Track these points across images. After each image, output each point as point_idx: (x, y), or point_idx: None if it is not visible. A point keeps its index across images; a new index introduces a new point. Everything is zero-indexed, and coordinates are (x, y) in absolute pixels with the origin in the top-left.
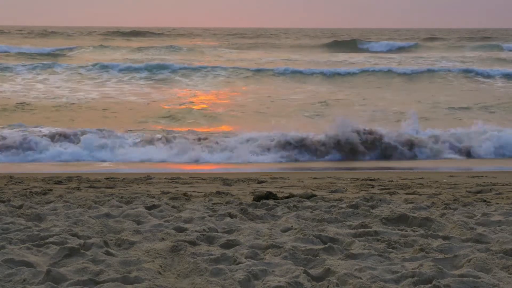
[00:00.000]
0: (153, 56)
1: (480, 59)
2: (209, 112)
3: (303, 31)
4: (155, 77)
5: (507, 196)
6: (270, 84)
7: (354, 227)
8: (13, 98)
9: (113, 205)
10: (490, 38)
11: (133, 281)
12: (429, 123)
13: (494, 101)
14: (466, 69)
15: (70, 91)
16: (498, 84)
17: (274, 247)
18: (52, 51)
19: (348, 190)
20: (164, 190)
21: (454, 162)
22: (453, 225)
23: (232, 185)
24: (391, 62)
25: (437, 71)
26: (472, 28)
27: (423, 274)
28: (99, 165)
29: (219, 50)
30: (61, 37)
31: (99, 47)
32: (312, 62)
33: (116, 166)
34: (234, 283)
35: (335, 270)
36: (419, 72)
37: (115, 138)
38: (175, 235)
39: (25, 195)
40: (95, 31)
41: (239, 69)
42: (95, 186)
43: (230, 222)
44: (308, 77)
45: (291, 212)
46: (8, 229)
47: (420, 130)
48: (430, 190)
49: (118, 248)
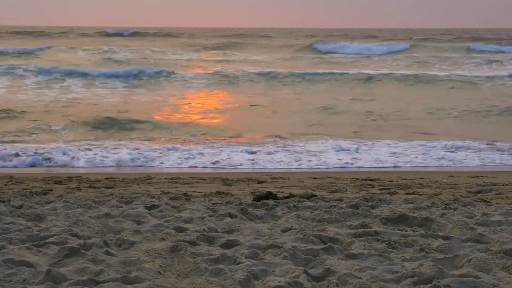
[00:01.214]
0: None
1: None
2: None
3: (283, 31)
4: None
5: (507, 196)
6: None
7: (354, 227)
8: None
9: (113, 205)
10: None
11: (133, 281)
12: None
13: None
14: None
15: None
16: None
17: (274, 247)
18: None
19: (348, 190)
20: (164, 190)
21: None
22: (453, 225)
23: (232, 185)
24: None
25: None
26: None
27: (423, 274)
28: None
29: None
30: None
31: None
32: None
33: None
34: (234, 283)
35: (335, 270)
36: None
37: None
38: (175, 235)
39: (25, 195)
40: (71, 31)
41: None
42: (95, 186)
43: (230, 222)
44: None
45: (291, 212)
46: (8, 229)
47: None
48: (430, 190)
49: (118, 248)
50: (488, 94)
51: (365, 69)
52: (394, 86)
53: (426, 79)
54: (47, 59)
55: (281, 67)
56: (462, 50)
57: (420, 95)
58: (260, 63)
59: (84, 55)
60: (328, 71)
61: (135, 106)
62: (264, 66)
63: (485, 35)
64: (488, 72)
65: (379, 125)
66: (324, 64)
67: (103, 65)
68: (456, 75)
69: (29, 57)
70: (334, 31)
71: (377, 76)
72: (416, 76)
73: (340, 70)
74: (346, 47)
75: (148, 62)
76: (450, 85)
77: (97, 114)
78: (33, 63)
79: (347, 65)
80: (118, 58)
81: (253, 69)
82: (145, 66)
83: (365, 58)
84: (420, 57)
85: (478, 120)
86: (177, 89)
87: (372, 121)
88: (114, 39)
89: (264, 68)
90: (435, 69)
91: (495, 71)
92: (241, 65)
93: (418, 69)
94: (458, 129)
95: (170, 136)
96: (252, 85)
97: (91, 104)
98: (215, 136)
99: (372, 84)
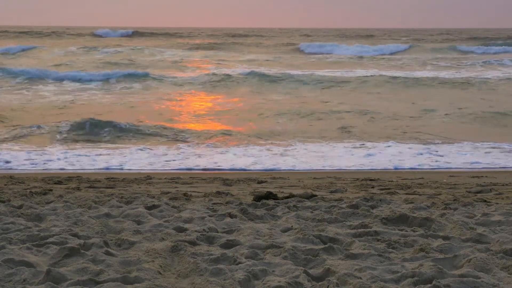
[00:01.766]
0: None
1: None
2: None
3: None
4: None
5: (507, 196)
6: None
7: (354, 227)
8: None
9: (113, 205)
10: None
11: (133, 281)
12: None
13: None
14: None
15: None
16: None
17: (274, 247)
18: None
19: (348, 190)
20: (164, 190)
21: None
22: (453, 225)
23: (232, 185)
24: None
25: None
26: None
27: (423, 274)
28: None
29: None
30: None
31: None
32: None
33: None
34: (234, 283)
35: (335, 270)
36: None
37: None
38: (175, 235)
39: (25, 195)
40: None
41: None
42: (95, 186)
43: (230, 222)
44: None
45: (291, 212)
46: (8, 229)
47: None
48: (430, 190)
49: (118, 248)
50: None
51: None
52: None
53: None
54: (23, 60)
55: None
56: (449, 51)
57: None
58: (245, 62)
59: (62, 56)
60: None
61: (98, 108)
62: (248, 67)
63: (478, 35)
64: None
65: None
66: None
67: (86, 67)
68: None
69: (4, 58)
70: (332, 31)
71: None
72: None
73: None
74: (335, 49)
75: (124, 64)
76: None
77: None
78: (6, 64)
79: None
80: (108, 59)
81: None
82: (123, 68)
83: (348, 59)
84: (404, 59)
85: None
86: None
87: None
88: (106, 39)
89: (245, 69)
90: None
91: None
92: (222, 65)
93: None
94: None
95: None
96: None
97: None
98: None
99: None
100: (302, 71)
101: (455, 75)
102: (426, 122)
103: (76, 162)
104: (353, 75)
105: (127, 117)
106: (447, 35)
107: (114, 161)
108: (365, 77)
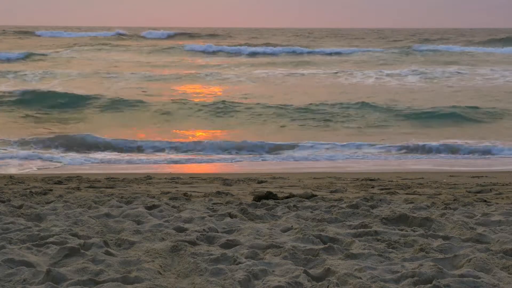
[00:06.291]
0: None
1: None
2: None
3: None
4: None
5: (507, 196)
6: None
7: (354, 227)
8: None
9: (113, 205)
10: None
11: (133, 281)
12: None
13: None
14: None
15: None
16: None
17: (274, 247)
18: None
19: (348, 190)
20: (164, 190)
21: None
22: (453, 225)
23: (232, 185)
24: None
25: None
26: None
27: (423, 274)
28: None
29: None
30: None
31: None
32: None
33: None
34: (234, 283)
35: (335, 270)
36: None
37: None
38: (175, 235)
39: (25, 195)
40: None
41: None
42: (95, 186)
43: (230, 222)
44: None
45: (291, 212)
46: (8, 229)
47: None
48: (430, 190)
49: (118, 248)
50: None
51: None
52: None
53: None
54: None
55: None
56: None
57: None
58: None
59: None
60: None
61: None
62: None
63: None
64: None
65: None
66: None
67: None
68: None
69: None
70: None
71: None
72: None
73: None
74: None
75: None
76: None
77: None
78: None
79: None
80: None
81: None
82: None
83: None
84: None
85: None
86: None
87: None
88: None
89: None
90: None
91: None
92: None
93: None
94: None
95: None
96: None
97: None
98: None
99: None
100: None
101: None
102: None
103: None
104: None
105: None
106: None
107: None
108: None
